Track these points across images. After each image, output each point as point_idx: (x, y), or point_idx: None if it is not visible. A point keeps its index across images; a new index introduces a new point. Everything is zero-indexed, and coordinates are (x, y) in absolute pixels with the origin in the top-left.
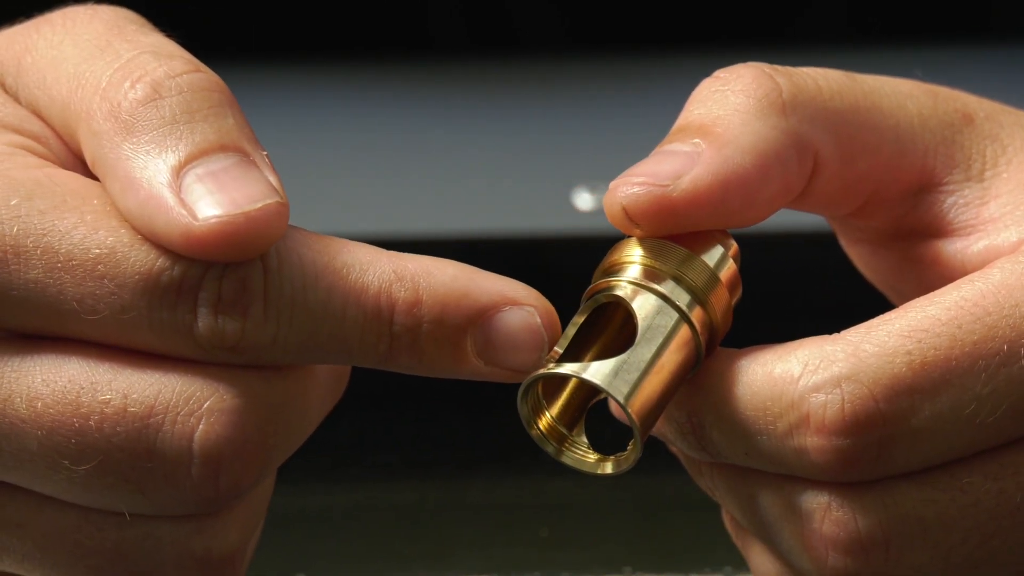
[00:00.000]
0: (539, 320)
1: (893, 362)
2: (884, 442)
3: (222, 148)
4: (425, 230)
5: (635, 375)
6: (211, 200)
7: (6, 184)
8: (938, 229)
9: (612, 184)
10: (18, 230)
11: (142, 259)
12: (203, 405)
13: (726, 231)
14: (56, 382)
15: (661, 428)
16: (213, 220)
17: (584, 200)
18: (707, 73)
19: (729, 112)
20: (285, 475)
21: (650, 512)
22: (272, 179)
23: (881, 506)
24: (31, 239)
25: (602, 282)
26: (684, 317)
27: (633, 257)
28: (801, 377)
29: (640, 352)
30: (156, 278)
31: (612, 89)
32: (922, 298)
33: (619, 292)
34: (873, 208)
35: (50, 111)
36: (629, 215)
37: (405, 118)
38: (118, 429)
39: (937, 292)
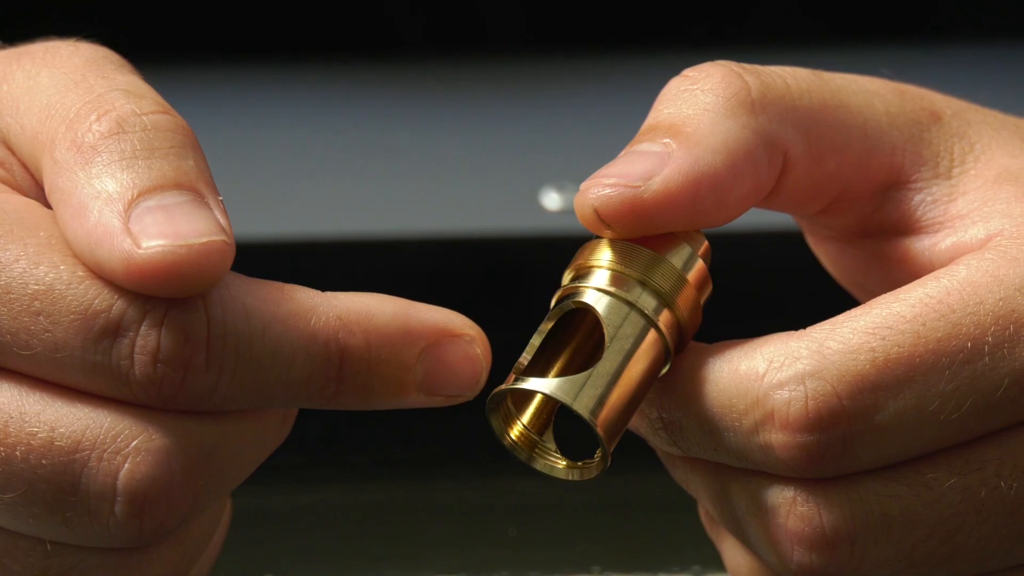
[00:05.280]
0: (478, 349)
1: (857, 359)
2: (848, 438)
3: (177, 186)
4: (392, 230)
5: (600, 389)
6: (156, 231)
7: None
8: (906, 226)
9: (583, 185)
10: None
11: (79, 298)
12: (131, 444)
13: (696, 229)
14: None
15: (634, 424)
16: (155, 248)
17: (552, 200)
18: (675, 72)
19: (699, 111)
20: (253, 475)
21: (619, 512)
22: (222, 220)
23: (846, 501)
24: None
25: (569, 287)
26: (651, 323)
27: (600, 261)
28: (766, 374)
29: (606, 363)
30: (91, 319)
31: (579, 88)
32: (887, 295)
33: (586, 299)
34: (841, 206)
35: (20, 140)
36: (601, 217)
37: (370, 118)
38: (43, 462)
39: (903, 289)
